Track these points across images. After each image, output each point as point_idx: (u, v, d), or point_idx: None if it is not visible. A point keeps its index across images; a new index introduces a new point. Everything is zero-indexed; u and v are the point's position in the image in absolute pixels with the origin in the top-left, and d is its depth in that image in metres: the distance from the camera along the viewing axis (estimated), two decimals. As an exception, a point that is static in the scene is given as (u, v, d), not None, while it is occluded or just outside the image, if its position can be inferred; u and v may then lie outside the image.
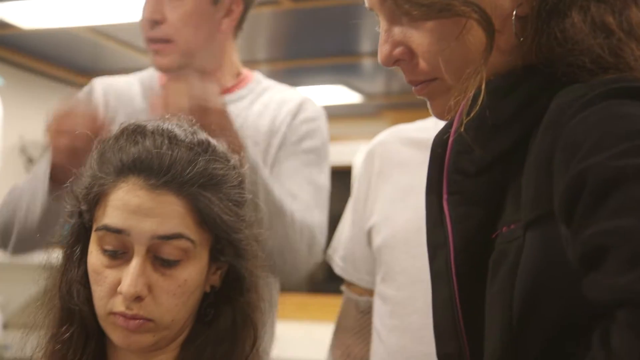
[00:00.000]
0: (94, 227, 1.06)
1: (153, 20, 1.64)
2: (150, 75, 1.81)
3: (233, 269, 1.10)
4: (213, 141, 1.11)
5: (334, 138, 6.52)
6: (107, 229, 1.03)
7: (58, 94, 4.67)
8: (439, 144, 0.96)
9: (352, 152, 5.41)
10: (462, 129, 0.89)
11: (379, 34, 0.99)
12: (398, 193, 1.53)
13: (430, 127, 1.52)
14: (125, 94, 1.77)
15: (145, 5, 1.68)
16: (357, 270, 1.61)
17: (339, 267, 1.63)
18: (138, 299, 1.02)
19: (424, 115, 1.41)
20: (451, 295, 0.92)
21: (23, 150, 4.46)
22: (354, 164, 5.34)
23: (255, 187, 1.53)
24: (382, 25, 1.00)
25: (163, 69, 1.70)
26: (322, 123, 1.81)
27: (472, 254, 0.90)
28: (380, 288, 1.53)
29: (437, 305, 0.96)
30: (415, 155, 1.53)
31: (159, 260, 1.03)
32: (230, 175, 1.09)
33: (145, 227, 1.02)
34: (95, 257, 1.05)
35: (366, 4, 1.01)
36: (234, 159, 1.12)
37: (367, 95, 5.21)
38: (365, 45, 4.15)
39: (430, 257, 0.97)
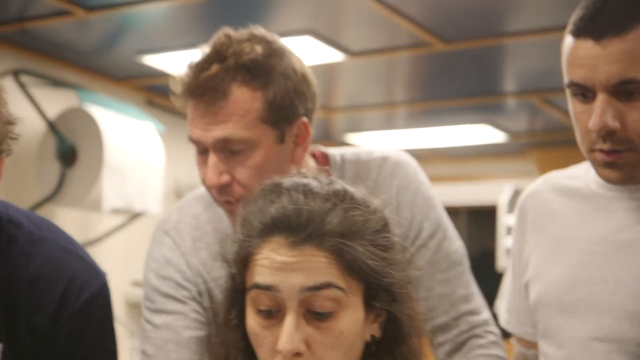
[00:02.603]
0: (247, 288, 1.08)
1: (221, 185, 1.46)
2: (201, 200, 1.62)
3: (391, 316, 1.08)
4: (350, 189, 1.10)
5: (478, 177, 6.49)
6: (257, 286, 1.05)
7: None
8: None
9: (497, 191, 5.37)
10: None
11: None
12: (549, 246, 1.49)
13: (581, 174, 1.50)
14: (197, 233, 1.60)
15: (201, 168, 1.49)
16: (521, 323, 1.58)
17: (504, 319, 1.62)
18: (297, 355, 1.02)
19: (569, 153, 1.42)
20: None
21: (178, 193, 4.68)
22: (499, 203, 5.29)
23: None
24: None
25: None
26: (420, 187, 1.63)
27: None
28: (541, 345, 1.50)
29: None
30: (567, 204, 1.49)
31: (313, 313, 1.03)
32: (372, 220, 1.08)
33: (293, 281, 1.02)
34: (252, 319, 1.07)
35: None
36: (376, 203, 1.11)
37: (512, 134, 5.17)
38: (509, 85, 4.14)
39: None
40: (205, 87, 1.41)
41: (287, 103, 1.45)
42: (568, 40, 1.36)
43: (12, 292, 1.36)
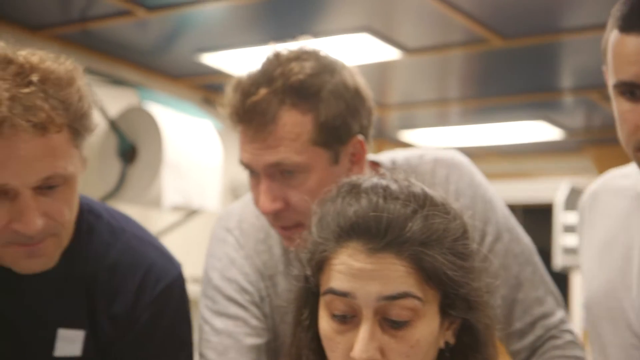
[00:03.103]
0: (321, 292, 1.06)
1: (275, 211, 1.40)
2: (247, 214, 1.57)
3: (466, 323, 1.06)
4: (430, 192, 1.06)
5: (534, 174, 6.40)
6: (333, 292, 1.02)
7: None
8: None
9: (554, 189, 5.31)
10: None
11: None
12: (598, 250, 1.47)
13: (633, 173, 1.47)
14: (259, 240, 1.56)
15: (254, 192, 1.44)
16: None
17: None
18: None
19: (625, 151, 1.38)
20: None
21: (234, 191, 4.73)
22: (555, 201, 5.23)
23: None
24: None
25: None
26: (478, 189, 1.55)
27: None
28: (591, 349, 1.49)
29: None
30: (617, 205, 1.46)
31: (388, 322, 1.00)
32: (452, 227, 1.04)
33: (370, 289, 1.00)
34: (325, 323, 1.05)
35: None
36: (455, 208, 1.07)
37: (569, 130, 5.11)
38: (566, 81, 4.10)
39: None
40: (254, 112, 1.36)
41: (340, 123, 1.38)
42: (613, 37, 1.28)
43: (92, 281, 1.40)
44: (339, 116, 1.39)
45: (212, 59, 3.87)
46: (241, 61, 3.88)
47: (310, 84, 1.37)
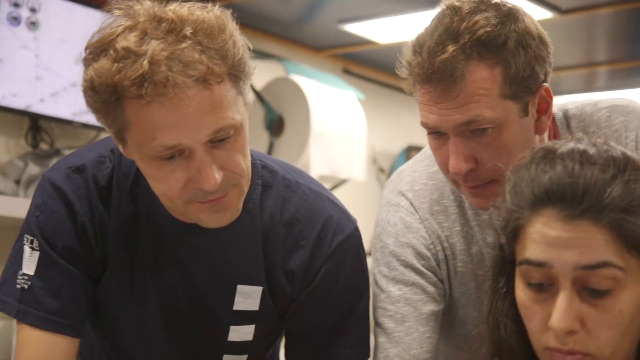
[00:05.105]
0: (517, 261, 1.03)
1: (466, 171, 1.35)
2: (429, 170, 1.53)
3: None
4: (632, 155, 1.01)
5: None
6: (529, 262, 1.00)
7: (408, 106, 4.88)
8: None
9: None
10: None
11: None
12: None
13: None
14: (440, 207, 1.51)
15: (438, 153, 1.40)
16: None
17: None
18: (571, 333, 0.96)
19: None
20: None
21: (374, 160, 4.72)
22: None
23: None
24: None
25: (483, 209, 1.43)
26: None
27: None
28: None
29: None
30: None
31: (588, 290, 0.97)
32: None
33: (567, 258, 0.96)
34: (522, 292, 1.02)
35: None
36: None
37: None
38: None
39: None
40: (443, 71, 1.31)
41: (529, 73, 1.33)
42: None
43: (269, 237, 1.40)
44: (527, 66, 1.33)
45: (353, 28, 3.85)
46: (382, 30, 3.85)
47: (497, 35, 1.32)
